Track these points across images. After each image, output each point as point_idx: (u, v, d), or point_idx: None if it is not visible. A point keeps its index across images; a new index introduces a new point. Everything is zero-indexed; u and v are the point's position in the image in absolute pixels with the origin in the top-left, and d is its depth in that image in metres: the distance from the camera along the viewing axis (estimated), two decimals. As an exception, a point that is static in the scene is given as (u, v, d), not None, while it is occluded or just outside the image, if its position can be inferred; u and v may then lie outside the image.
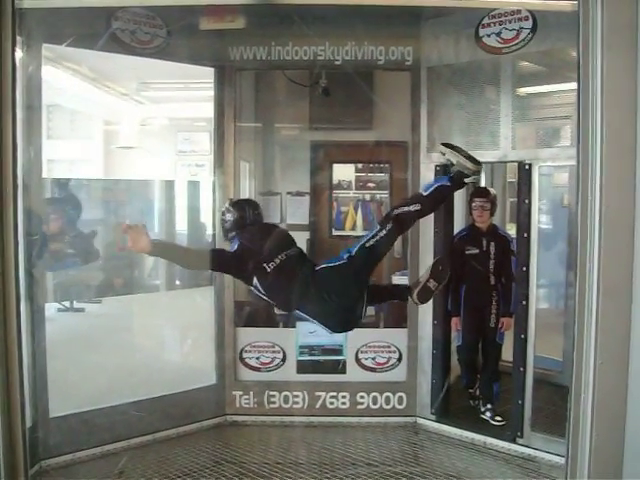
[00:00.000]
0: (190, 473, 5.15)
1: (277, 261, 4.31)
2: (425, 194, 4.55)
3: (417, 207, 4.47)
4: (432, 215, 5.87)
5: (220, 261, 4.42)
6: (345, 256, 4.34)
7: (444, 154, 4.68)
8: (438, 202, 4.77)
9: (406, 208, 4.47)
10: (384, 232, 4.35)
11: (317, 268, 4.38)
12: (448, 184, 4.59)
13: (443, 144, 4.75)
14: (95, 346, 6.58)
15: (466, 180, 4.55)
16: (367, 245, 4.33)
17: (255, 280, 4.32)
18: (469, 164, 4.49)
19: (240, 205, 4.70)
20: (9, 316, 3.44)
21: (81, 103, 9.30)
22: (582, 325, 3.26)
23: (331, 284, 4.29)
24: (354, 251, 4.34)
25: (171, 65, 6.01)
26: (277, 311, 6.15)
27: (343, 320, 4.48)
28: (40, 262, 5.15)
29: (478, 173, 4.64)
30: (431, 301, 5.72)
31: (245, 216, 4.59)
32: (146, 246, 4.02)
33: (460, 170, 4.53)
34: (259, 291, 4.35)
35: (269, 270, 4.28)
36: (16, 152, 3.51)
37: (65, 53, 6.48)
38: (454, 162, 4.58)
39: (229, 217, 4.61)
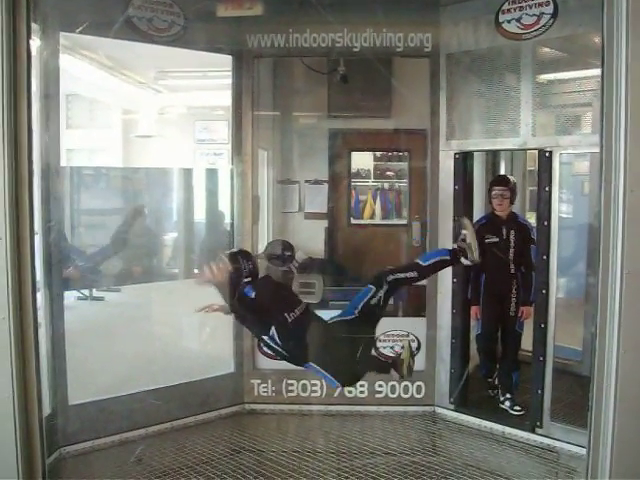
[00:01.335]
0: (208, 461, 5.16)
1: (297, 312, 4.37)
2: (424, 265, 4.73)
3: (414, 275, 4.71)
4: (451, 203, 5.86)
5: (244, 305, 4.44)
6: (355, 312, 4.46)
7: (464, 229, 4.80)
8: (433, 272, 5.12)
9: (402, 275, 4.67)
10: (382, 292, 4.52)
11: (329, 322, 4.48)
12: (447, 258, 4.81)
13: (467, 220, 4.94)
14: (114, 334, 6.60)
15: (463, 261, 4.72)
16: (372, 303, 4.48)
17: (273, 330, 4.33)
18: (476, 254, 4.67)
19: (234, 257, 4.67)
20: (25, 304, 3.45)
21: (99, 92, 9.32)
22: (605, 313, 3.21)
23: (343, 337, 4.41)
24: (360, 307, 4.47)
25: (189, 53, 5.99)
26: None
27: (354, 372, 4.64)
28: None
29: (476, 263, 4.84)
30: (450, 289, 5.73)
31: (240, 268, 4.55)
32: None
33: (464, 249, 4.69)
34: (274, 341, 4.36)
35: (290, 320, 4.32)
36: (31, 140, 3.51)
37: (82, 42, 6.48)
38: (466, 241, 4.72)
39: None
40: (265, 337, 4.39)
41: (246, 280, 4.47)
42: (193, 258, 7.29)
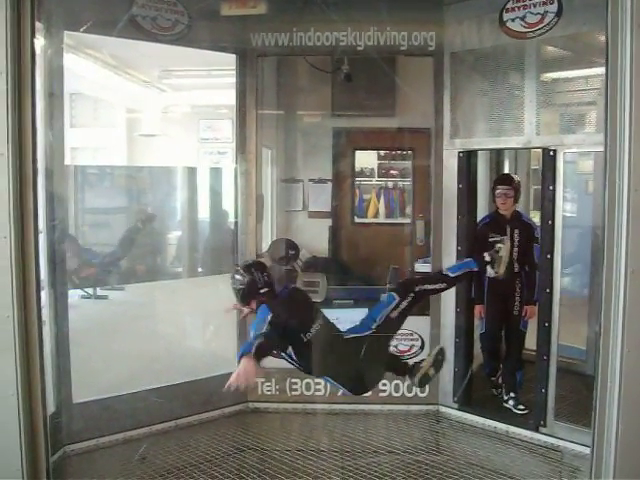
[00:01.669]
0: (212, 460, 5.17)
1: (313, 331, 4.35)
2: (452, 276, 4.77)
3: (442, 286, 4.76)
4: (455, 201, 5.86)
5: (273, 344, 4.36)
6: (372, 326, 4.41)
7: (501, 244, 4.86)
8: (460, 281, 5.08)
9: (430, 286, 4.68)
10: (405, 304, 4.48)
11: (346, 337, 4.44)
12: (475, 269, 4.88)
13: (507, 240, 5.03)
14: (118, 333, 6.61)
15: (489, 271, 4.87)
16: (392, 316, 4.44)
17: (290, 349, 4.34)
18: (502, 267, 4.78)
19: (248, 270, 4.67)
20: (29, 303, 3.45)
21: (103, 91, 9.31)
22: (609, 312, 3.21)
23: (359, 352, 4.33)
24: (379, 320, 4.42)
25: (193, 52, 6.00)
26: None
27: (366, 384, 4.61)
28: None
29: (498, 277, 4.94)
30: (454, 288, 5.72)
31: (255, 281, 4.56)
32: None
33: (494, 261, 4.78)
34: (291, 358, 4.37)
35: (306, 340, 4.32)
36: (35, 139, 3.51)
37: (86, 40, 6.48)
38: (499, 254, 4.80)
39: (238, 282, 4.60)
40: (283, 353, 4.39)
41: (262, 291, 4.49)
42: (196, 257, 7.30)
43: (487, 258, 4.81)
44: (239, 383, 4.09)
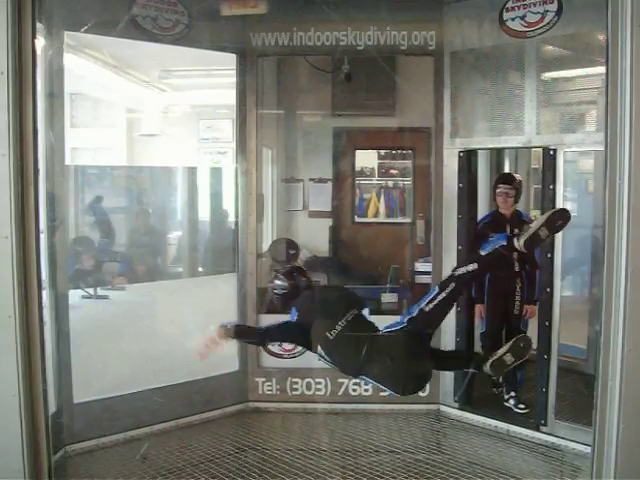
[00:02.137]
0: (213, 459, 5.18)
1: (338, 328, 4.29)
2: (483, 254, 4.40)
3: (475, 267, 4.38)
4: (456, 201, 5.85)
5: (289, 335, 4.57)
6: (405, 320, 4.29)
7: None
8: (493, 262, 4.56)
9: (461, 269, 4.38)
10: (443, 295, 4.25)
11: (379, 333, 4.34)
12: (505, 243, 4.33)
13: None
14: (119, 333, 6.60)
15: (515, 244, 4.23)
16: (426, 309, 4.25)
17: (320, 349, 4.32)
18: (523, 239, 4.18)
19: (290, 273, 4.70)
20: (31, 303, 3.46)
21: (104, 91, 9.32)
22: (609, 312, 3.21)
23: (393, 349, 4.22)
24: (414, 313, 4.29)
25: (193, 52, 6.00)
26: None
27: (409, 382, 4.38)
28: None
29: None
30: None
31: (297, 285, 4.62)
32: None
33: (521, 232, 4.37)
34: (324, 358, 4.35)
35: (331, 338, 4.26)
36: (36, 139, 3.52)
37: (87, 41, 6.49)
38: (529, 224, 4.52)
39: (280, 287, 4.64)
40: (316, 355, 4.38)
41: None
42: (196, 257, 7.31)
43: (516, 231, 4.67)
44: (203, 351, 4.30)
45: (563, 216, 4.27)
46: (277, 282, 4.66)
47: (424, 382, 4.57)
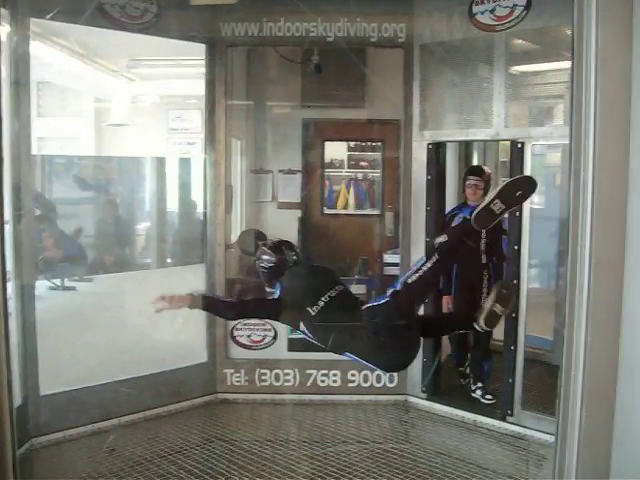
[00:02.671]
0: (181, 450, 5.17)
1: (321, 304, 4.24)
2: (451, 226, 4.79)
3: (443, 239, 4.62)
4: (424, 193, 5.88)
5: (264, 310, 4.50)
6: (389, 294, 4.25)
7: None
8: (459, 235, 4.70)
9: (438, 239, 4.64)
10: (428, 265, 4.23)
11: (363, 307, 4.31)
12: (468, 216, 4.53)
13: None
14: (86, 324, 6.56)
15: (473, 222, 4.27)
16: (409, 282, 4.22)
17: (302, 325, 4.28)
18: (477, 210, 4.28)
19: (278, 248, 4.63)
20: (-6, 293, 3.41)
21: (71, 80, 9.20)
22: (573, 303, 3.24)
23: (378, 323, 4.18)
24: (399, 287, 4.25)
25: (162, 41, 5.94)
26: (268, 289, 6.14)
27: (396, 358, 4.36)
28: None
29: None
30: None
31: (285, 259, 4.53)
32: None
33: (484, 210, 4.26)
34: (307, 335, 4.31)
35: (314, 314, 4.22)
36: (1, 128, 3.46)
37: (54, 28, 6.39)
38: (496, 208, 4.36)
39: (267, 261, 4.56)
40: (299, 331, 4.35)
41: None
42: (165, 248, 7.27)
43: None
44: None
45: (524, 185, 4.23)
46: (264, 257, 4.57)
47: (410, 358, 4.43)
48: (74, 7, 5.20)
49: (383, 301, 4.24)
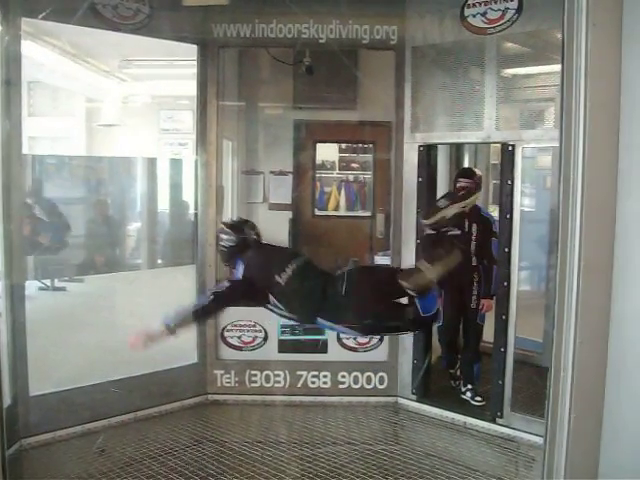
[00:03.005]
0: (171, 451, 5.16)
1: (288, 271, 4.29)
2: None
3: None
4: (415, 195, 5.89)
5: (235, 295, 4.43)
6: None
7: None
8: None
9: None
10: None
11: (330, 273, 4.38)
12: None
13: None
14: (76, 325, 6.56)
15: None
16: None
17: (271, 297, 4.30)
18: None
19: (239, 227, 4.66)
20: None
21: (62, 80, 9.20)
22: (562, 305, 3.27)
23: (348, 285, 4.22)
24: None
25: (154, 42, 5.94)
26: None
27: (369, 318, 4.37)
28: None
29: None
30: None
31: (246, 238, 4.57)
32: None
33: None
34: (278, 308, 4.33)
35: (283, 282, 4.25)
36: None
37: (46, 28, 6.39)
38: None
39: (227, 240, 4.57)
40: (268, 306, 4.34)
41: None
42: (155, 249, 7.25)
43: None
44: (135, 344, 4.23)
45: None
46: (223, 236, 4.59)
47: (385, 320, 4.45)
48: (66, 7, 5.19)
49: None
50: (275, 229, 7.47)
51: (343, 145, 8.26)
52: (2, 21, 4.69)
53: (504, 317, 5.46)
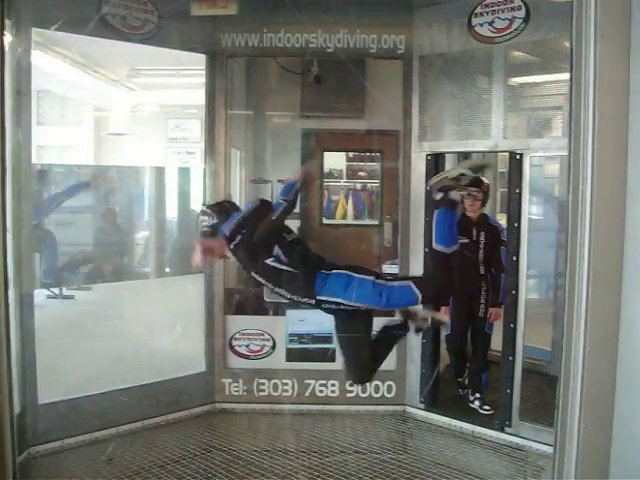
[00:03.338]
0: (179, 460, 5.16)
1: (293, 236, 4.47)
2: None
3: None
4: (423, 204, 5.89)
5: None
6: None
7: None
8: None
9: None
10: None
11: None
12: None
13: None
14: (84, 333, 6.56)
15: None
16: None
17: (276, 249, 4.33)
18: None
19: (222, 208, 4.72)
20: (-4, 302, 3.43)
21: (71, 89, 9.25)
22: (572, 313, 3.27)
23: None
24: None
25: (162, 51, 5.97)
26: (267, 298, 6.16)
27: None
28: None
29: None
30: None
31: (230, 216, 4.58)
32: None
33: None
34: (280, 261, 4.32)
35: (289, 239, 4.39)
36: (4, 137, 3.49)
37: (55, 38, 6.43)
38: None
39: (208, 222, 4.62)
40: (269, 260, 4.33)
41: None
42: (164, 258, 7.27)
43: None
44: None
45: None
46: (205, 217, 4.63)
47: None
48: (76, 17, 5.23)
49: None
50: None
51: (350, 154, 8.28)
52: (14, 32, 4.72)
53: (512, 326, 5.45)
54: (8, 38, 4.35)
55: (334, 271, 4.33)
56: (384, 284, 4.29)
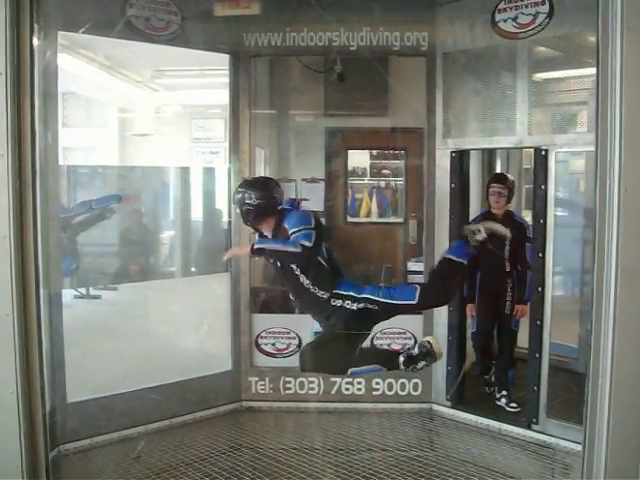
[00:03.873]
0: (207, 458, 5.19)
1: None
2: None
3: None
4: (448, 201, 5.89)
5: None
6: None
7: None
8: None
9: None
10: None
11: None
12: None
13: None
14: (112, 333, 6.62)
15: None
16: None
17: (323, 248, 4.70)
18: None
19: (265, 183, 4.81)
20: (29, 302, 3.48)
21: (96, 91, 9.33)
22: (600, 310, 3.25)
23: None
24: None
25: (186, 52, 6.00)
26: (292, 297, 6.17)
27: None
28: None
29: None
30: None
31: (273, 195, 4.69)
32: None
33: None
34: (322, 256, 4.70)
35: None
36: (35, 140, 3.54)
37: (80, 41, 6.50)
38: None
39: (255, 197, 4.61)
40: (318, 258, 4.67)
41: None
42: (189, 257, 7.32)
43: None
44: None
45: None
46: (246, 194, 4.60)
47: None
48: (100, 20, 5.28)
49: None
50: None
51: (374, 152, 8.29)
52: (42, 36, 4.77)
53: (539, 323, 5.43)
54: (37, 42, 4.40)
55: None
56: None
